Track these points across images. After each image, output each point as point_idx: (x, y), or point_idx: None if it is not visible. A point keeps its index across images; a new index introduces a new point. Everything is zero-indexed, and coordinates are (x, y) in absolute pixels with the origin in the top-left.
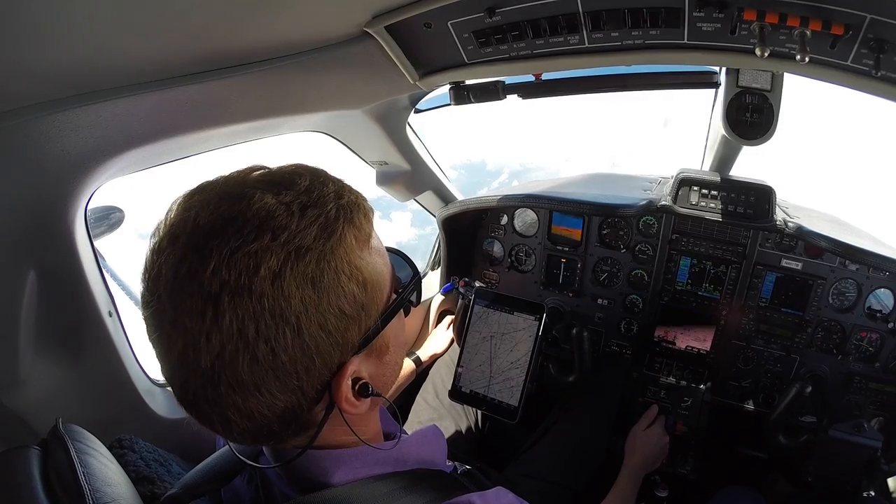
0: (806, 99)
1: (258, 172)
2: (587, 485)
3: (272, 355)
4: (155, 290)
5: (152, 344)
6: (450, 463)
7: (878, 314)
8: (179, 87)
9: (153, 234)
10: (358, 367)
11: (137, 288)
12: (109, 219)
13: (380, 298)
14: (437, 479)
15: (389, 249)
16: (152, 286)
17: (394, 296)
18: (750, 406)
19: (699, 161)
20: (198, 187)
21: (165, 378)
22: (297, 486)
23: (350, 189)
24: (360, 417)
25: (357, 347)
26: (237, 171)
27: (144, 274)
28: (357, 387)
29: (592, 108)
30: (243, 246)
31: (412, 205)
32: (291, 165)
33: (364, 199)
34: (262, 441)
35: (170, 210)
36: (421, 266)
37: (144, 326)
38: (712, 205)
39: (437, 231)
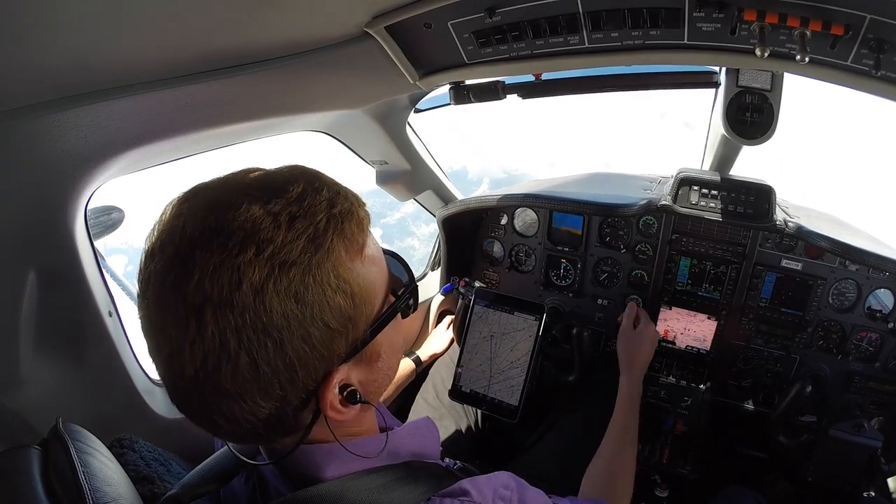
0: (806, 99)
1: (253, 175)
2: None
3: (254, 366)
4: (145, 297)
5: (146, 343)
6: (446, 461)
7: (878, 314)
8: (179, 87)
9: (147, 237)
10: (346, 374)
11: (137, 288)
12: (109, 219)
13: (370, 308)
14: (431, 470)
15: (387, 253)
16: (143, 291)
17: (390, 300)
18: (750, 406)
19: (699, 161)
20: (191, 191)
21: (159, 376)
22: (290, 483)
23: (345, 195)
24: (352, 418)
25: (344, 357)
26: (233, 174)
27: (138, 276)
28: (346, 393)
29: (580, 110)
30: (227, 260)
31: (387, 217)
32: (288, 167)
33: (360, 205)
34: (248, 442)
35: (164, 213)
36: (420, 268)
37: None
38: (712, 204)
39: (415, 244)
